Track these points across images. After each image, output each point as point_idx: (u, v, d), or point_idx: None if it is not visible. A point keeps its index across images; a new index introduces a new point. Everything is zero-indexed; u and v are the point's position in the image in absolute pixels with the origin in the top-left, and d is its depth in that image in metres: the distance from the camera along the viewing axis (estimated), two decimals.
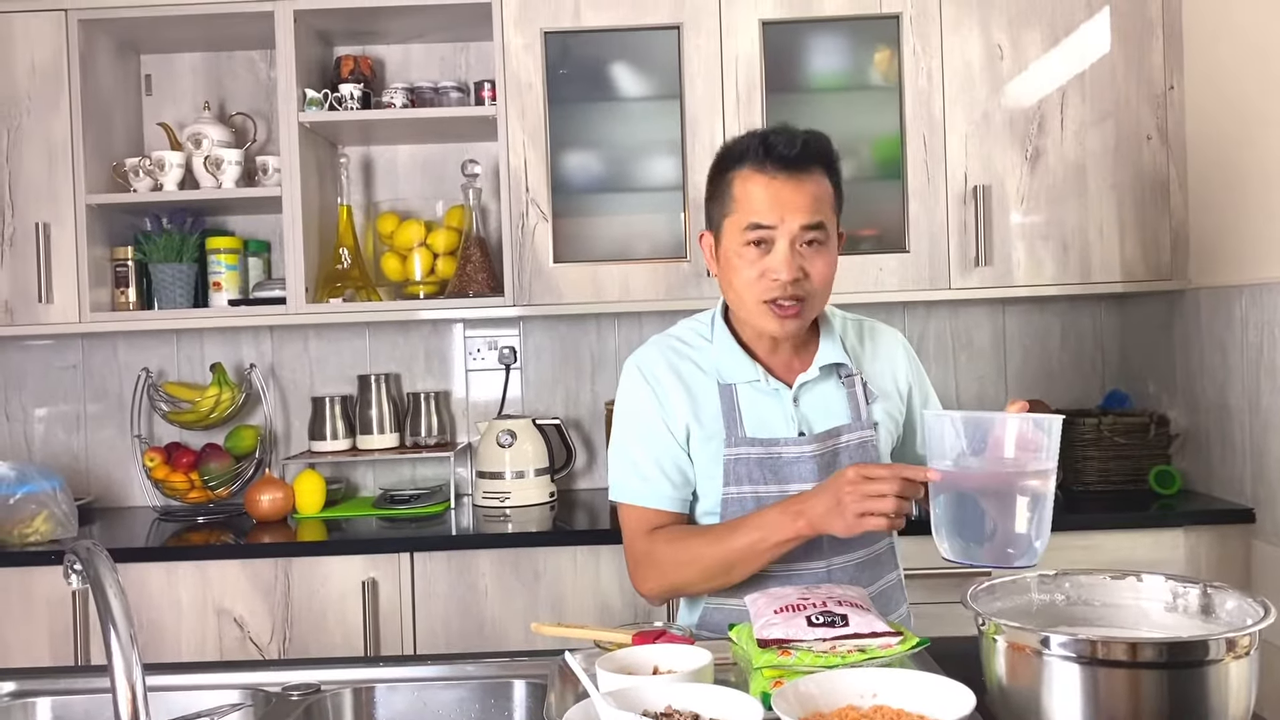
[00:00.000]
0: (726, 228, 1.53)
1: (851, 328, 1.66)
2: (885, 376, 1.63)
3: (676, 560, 1.51)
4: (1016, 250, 2.57)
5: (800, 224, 1.48)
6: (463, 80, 2.81)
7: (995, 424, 1.18)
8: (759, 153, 1.49)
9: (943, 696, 1.01)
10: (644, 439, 1.57)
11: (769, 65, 2.57)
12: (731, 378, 1.56)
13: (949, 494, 1.20)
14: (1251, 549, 2.32)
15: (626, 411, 1.60)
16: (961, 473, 1.18)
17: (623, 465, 1.59)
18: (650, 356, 1.61)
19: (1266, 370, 2.25)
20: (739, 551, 1.45)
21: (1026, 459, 1.16)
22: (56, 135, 2.59)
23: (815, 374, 1.56)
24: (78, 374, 2.93)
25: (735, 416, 1.54)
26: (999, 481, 1.17)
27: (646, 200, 2.68)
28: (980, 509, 1.18)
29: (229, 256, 2.76)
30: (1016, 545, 1.16)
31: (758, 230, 1.48)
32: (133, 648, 1.01)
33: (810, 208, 1.48)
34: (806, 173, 1.50)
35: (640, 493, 1.56)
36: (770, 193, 1.48)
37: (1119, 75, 2.56)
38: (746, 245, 1.49)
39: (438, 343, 2.95)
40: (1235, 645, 0.95)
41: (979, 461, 1.18)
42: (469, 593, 2.36)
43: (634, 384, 1.59)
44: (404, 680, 1.38)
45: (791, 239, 1.48)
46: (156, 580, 2.35)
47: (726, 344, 1.58)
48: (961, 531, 1.19)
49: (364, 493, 2.94)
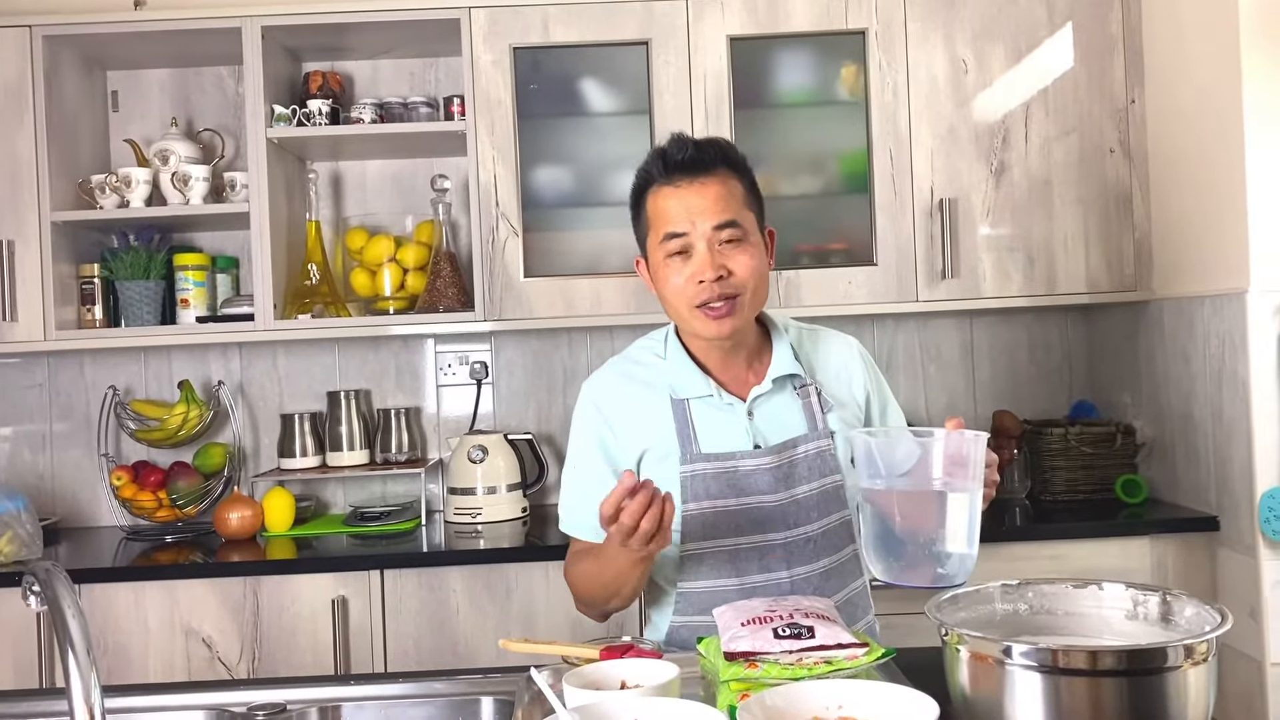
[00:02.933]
0: (650, 247, 1.56)
1: (806, 337, 1.66)
2: (841, 385, 1.63)
3: (575, 580, 1.62)
4: (983, 263, 2.59)
5: (711, 225, 1.50)
6: (432, 95, 2.81)
7: (920, 443, 1.15)
8: (659, 167, 1.53)
9: (907, 707, 1.01)
10: (584, 474, 1.61)
11: (737, 81, 2.58)
12: (684, 393, 1.56)
13: (876, 515, 1.17)
14: (1216, 556, 2.35)
15: (574, 443, 1.65)
16: (887, 492, 1.16)
17: (565, 493, 1.65)
18: (604, 381, 1.64)
19: (1228, 380, 2.29)
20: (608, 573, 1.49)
21: (952, 478, 1.13)
22: (21, 152, 2.57)
23: (768, 386, 1.56)
24: (43, 392, 2.90)
25: (689, 433, 1.54)
26: (925, 500, 1.14)
27: (616, 215, 2.64)
28: (908, 529, 1.15)
29: (197, 273, 2.75)
30: (945, 565, 1.14)
31: (674, 239, 1.51)
32: (91, 669, 1.00)
33: (717, 207, 1.50)
34: (709, 174, 1.52)
35: (571, 524, 1.63)
36: (676, 200, 1.51)
37: (1081, 90, 2.59)
38: (669, 257, 1.52)
39: (408, 358, 2.94)
40: (1193, 652, 0.96)
41: (905, 480, 1.15)
42: (440, 610, 2.35)
43: (586, 414, 1.63)
44: (371, 699, 1.37)
45: (708, 240, 1.50)
46: (123, 601, 2.33)
47: (680, 360, 1.59)
48: (890, 552, 1.17)
49: (334, 510, 2.92)
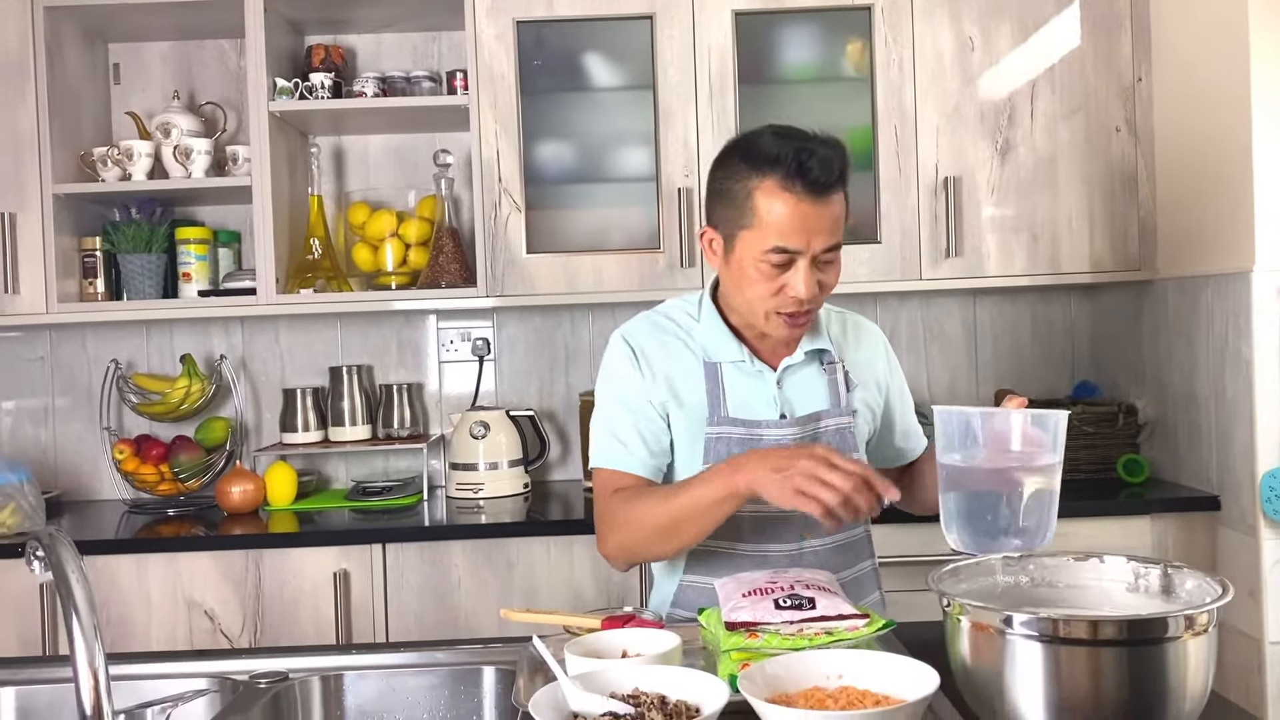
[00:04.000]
0: (743, 239, 1.46)
1: (836, 319, 1.68)
2: (865, 369, 1.65)
3: (627, 518, 1.49)
4: (987, 241, 2.58)
5: (823, 247, 1.44)
6: (435, 70, 2.80)
7: (1002, 419, 1.21)
8: (791, 171, 1.41)
9: (907, 677, 1.02)
10: (625, 406, 1.56)
11: (742, 56, 2.57)
12: (717, 357, 1.56)
13: (957, 488, 1.22)
14: (1217, 535, 2.35)
15: (610, 380, 1.59)
16: (970, 466, 1.21)
17: (602, 432, 1.57)
18: (638, 330, 1.61)
19: (1231, 360, 2.28)
20: (681, 510, 1.41)
21: (1033, 453, 1.18)
22: (23, 124, 2.56)
23: (800, 358, 1.57)
24: (45, 365, 2.90)
25: (719, 395, 1.55)
26: (1006, 476, 1.20)
27: (620, 191, 2.68)
28: (987, 502, 1.21)
29: (198, 247, 2.74)
30: (1022, 538, 1.19)
31: (783, 254, 1.44)
32: (95, 634, 1.01)
33: (834, 230, 1.45)
34: (833, 194, 1.44)
35: (614, 456, 1.55)
36: (799, 217, 1.42)
37: (1088, 68, 2.58)
38: (767, 265, 1.45)
39: (410, 334, 2.94)
40: (1194, 622, 0.96)
41: (987, 456, 1.21)
42: (442, 584, 2.36)
43: (619, 355, 1.59)
44: (373, 668, 1.38)
45: (812, 259, 1.45)
46: (126, 573, 2.34)
47: (714, 324, 1.58)
48: (969, 525, 1.22)
49: (336, 485, 2.92)
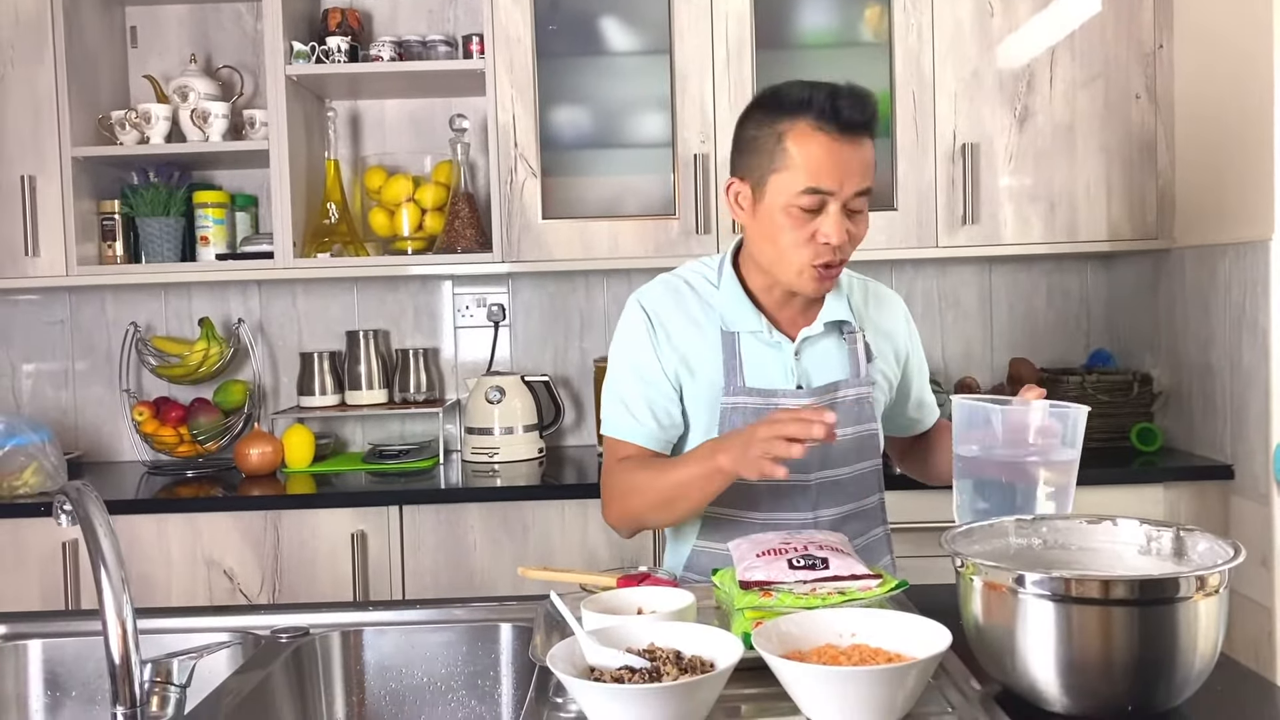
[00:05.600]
0: (774, 184, 1.45)
1: (858, 287, 1.66)
2: (884, 339, 1.64)
3: (627, 489, 1.52)
4: (1004, 209, 2.57)
5: (856, 189, 1.43)
6: (451, 34, 2.79)
7: (1020, 413, 1.21)
8: (825, 111, 1.41)
9: (919, 635, 1.03)
10: (638, 376, 1.56)
11: (759, 21, 2.55)
12: (735, 326, 1.55)
13: (973, 478, 1.22)
14: (1230, 504, 2.36)
15: (625, 347, 1.58)
16: (986, 459, 1.21)
17: (613, 401, 1.58)
18: (655, 295, 1.59)
19: (1248, 329, 2.28)
20: (676, 484, 1.45)
21: (1050, 447, 1.18)
22: (41, 87, 2.57)
23: (819, 329, 1.55)
24: (65, 329, 2.92)
25: (736, 364, 1.54)
26: (1022, 469, 1.20)
27: (635, 157, 2.68)
28: (1003, 494, 1.21)
29: (216, 211, 2.75)
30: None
31: (817, 195, 1.42)
32: (123, 585, 1.03)
33: (867, 173, 1.44)
34: (866, 136, 1.44)
35: (624, 427, 1.56)
36: (832, 156, 1.41)
37: (1109, 35, 2.55)
38: (798, 209, 1.43)
39: (426, 299, 2.95)
40: (1205, 583, 0.97)
41: (1004, 449, 1.20)
42: (458, 546, 2.38)
43: (635, 322, 1.58)
44: (392, 624, 1.40)
45: (844, 203, 1.43)
46: (146, 532, 2.37)
47: (733, 292, 1.56)
48: (982, 516, 1.21)
49: (353, 448, 2.95)
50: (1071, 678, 0.98)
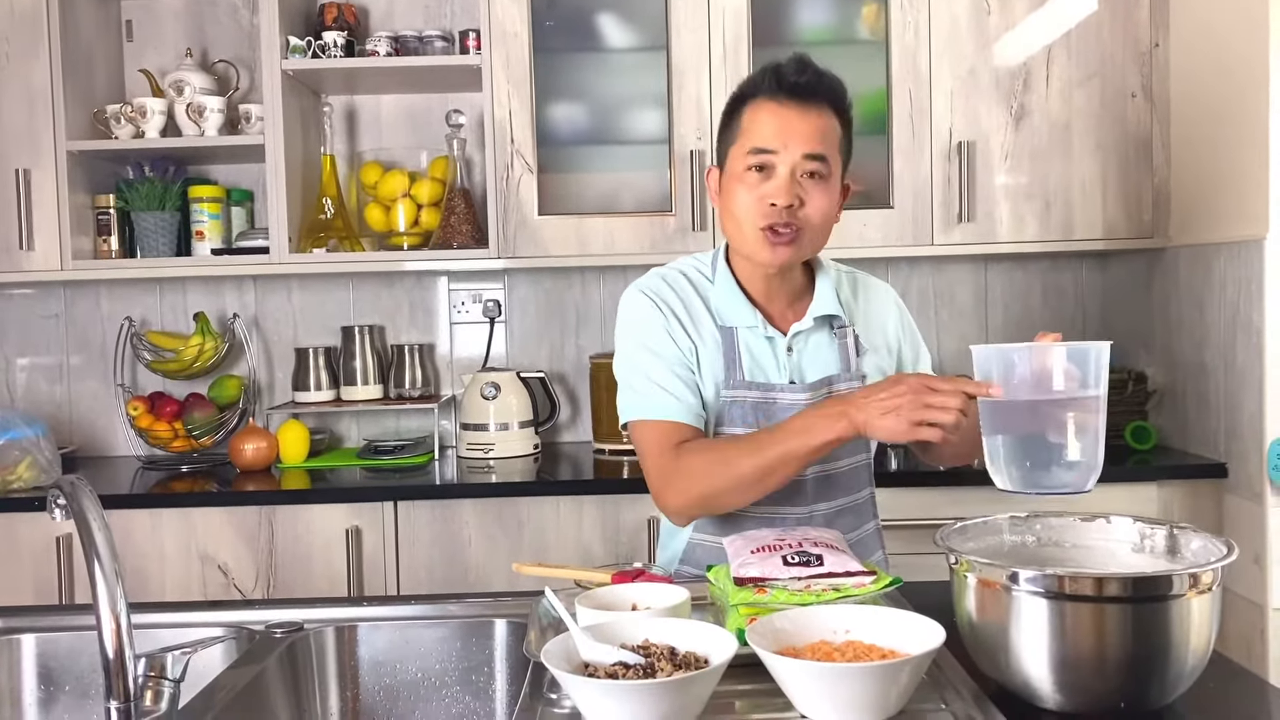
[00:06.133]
0: (731, 156, 1.52)
1: (846, 280, 1.66)
2: (876, 331, 1.64)
3: (710, 470, 1.44)
4: (1000, 207, 2.58)
5: (803, 152, 1.47)
6: (447, 29, 2.78)
7: (1041, 354, 1.17)
8: (771, 82, 1.49)
9: (913, 632, 1.03)
10: (660, 354, 1.53)
11: (756, 18, 2.55)
12: (731, 321, 1.56)
13: (999, 425, 1.19)
14: (1223, 502, 2.36)
15: (637, 330, 1.56)
16: (1014, 403, 1.18)
17: (639, 382, 1.53)
18: (654, 284, 1.59)
19: (1242, 328, 2.28)
20: (777, 457, 1.40)
21: (1075, 387, 1.15)
22: (36, 80, 2.56)
23: (809, 324, 1.56)
24: (60, 323, 2.92)
25: (735, 358, 1.54)
26: (1050, 410, 1.16)
27: (632, 153, 2.68)
28: (1034, 439, 1.18)
29: (212, 205, 2.75)
30: (1073, 473, 1.17)
31: (760, 155, 1.48)
32: (117, 579, 1.03)
33: (814, 137, 1.48)
34: (815, 104, 1.49)
35: (663, 407, 1.51)
36: (777, 119, 1.48)
37: (1105, 33, 2.55)
38: (748, 170, 1.49)
39: (422, 295, 2.95)
40: (1198, 580, 0.97)
41: (1030, 392, 1.17)
42: (452, 542, 2.38)
43: (642, 305, 1.57)
44: (386, 619, 1.40)
45: (793, 167, 1.47)
46: (141, 527, 2.37)
47: (727, 286, 1.57)
48: (1017, 463, 1.19)
49: (348, 443, 2.95)
50: (1065, 675, 0.98)
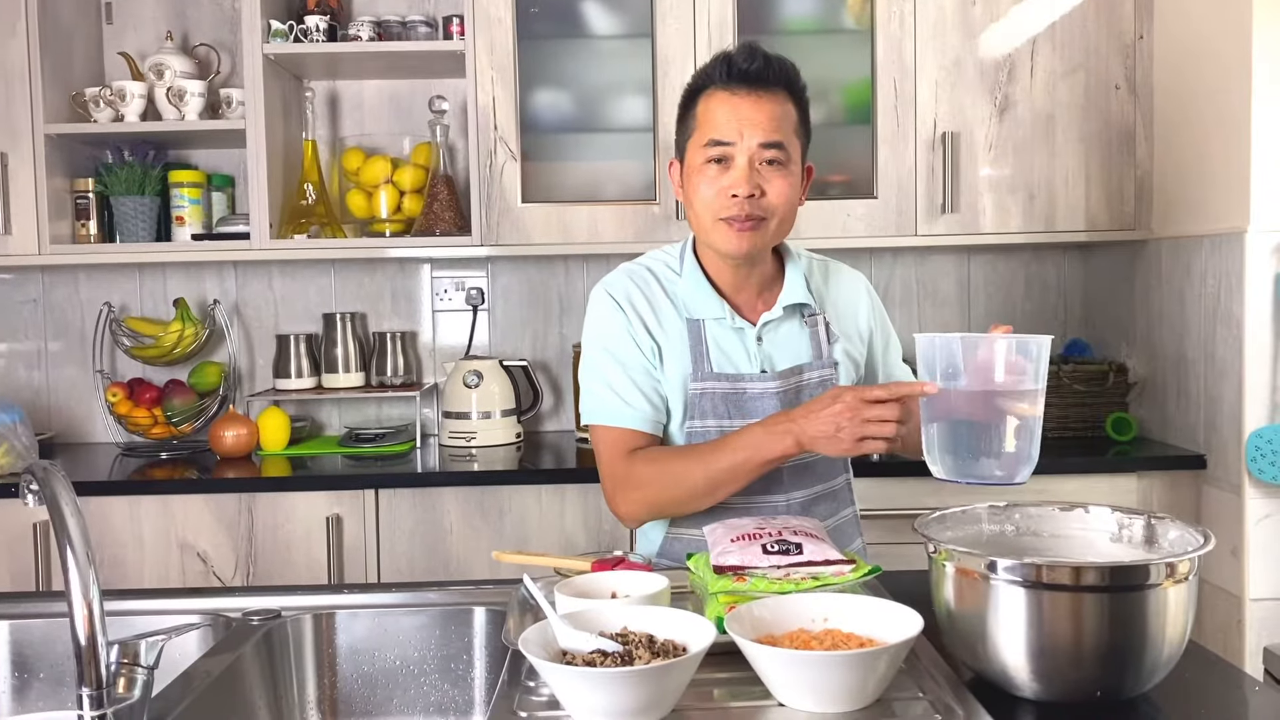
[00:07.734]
0: (690, 149, 1.54)
1: (817, 268, 1.67)
2: (847, 318, 1.65)
3: (660, 480, 1.50)
4: (983, 198, 2.58)
5: (759, 141, 1.48)
6: (431, 15, 2.76)
7: (984, 345, 1.18)
8: (723, 72, 1.50)
9: (891, 620, 1.04)
10: (620, 360, 1.56)
11: (742, 6, 2.54)
12: (699, 313, 1.56)
13: (937, 414, 1.21)
14: (1202, 494, 2.38)
15: (600, 333, 1.58)
16: (952, 393, 1.19)
17: (598, 387, 1.56)
18: (620, 282, 1.60)
19: (1222, 320, 2.29)
20: (725, 471, 1.44)
21: (1015, 380, 1.16)
22: (14, 62, 2.53)
23: (779, 313, 1.57)
24: (38, 308, 2.89)
25: (702, 350, 1.55)
26: (989, 402, 1.18)
27: (616, 141, 2.66)
28: (970, 429, 1.19)
29: (192, 190, 2.72)
30: (1006, 466, 1.18)
31: (717, 147, 1.49)
32: (89, 564, 1.01)
33: (770, 126, 1.48)
34: (768, 91, 1.49)
35: (618, 414, 1.54)
36: (730, 109, 1.49)
37: (1090, 25, 2.56)
38: (707, 163, 1.50)
39: (404, 283, 2.93)
40: (1175, 570, 0.97)
41: (969, 382, 1.18)
42: (433, 530, 2.38)
43: (605, 307, 1.58)
44: (365, 607, 1.39)
45: (750, 156, 1.48)
46: (119, 514, 2.35)
47: (695, 278, 1.58)
48: (953, 450, 1.20)
49: (329, 431, 2.93)
50: (1042, 663, 0.99)
